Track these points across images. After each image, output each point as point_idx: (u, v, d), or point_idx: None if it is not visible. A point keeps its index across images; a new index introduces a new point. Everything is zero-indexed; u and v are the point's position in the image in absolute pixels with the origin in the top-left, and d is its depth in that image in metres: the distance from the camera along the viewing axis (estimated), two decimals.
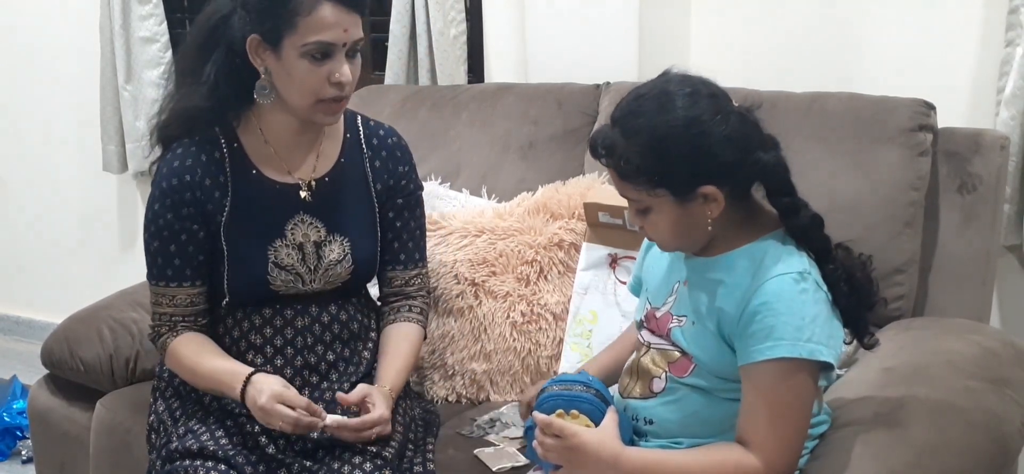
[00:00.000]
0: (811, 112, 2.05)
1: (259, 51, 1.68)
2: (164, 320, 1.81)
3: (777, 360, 1.36)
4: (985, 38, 2.23)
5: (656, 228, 1.45)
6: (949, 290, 2.01)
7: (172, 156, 1.77)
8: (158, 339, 1.83)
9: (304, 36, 1.64)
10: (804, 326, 1.36)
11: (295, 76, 1.67)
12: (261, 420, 1.67)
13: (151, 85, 3.26)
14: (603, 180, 2.18)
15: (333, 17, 1.64)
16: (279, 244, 1.78)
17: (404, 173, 1.89)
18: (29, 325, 3.94)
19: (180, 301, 1.80)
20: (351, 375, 1.83)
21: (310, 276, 1.80)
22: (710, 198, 1.39)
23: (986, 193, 1.97)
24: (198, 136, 1.77)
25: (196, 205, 1.75)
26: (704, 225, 1.42)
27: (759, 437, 1.38)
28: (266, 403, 1.64)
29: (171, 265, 1.78)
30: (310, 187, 1.80)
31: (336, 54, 1.66)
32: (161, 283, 1.80)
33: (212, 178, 1.76)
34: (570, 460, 1.44)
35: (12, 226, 3.90)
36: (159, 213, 1.76)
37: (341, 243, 1.82)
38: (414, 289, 1.92)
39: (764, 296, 1.37)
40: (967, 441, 1.49)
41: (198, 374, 1.77)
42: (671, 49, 2.46)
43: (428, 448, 1.82)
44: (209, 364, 1.76)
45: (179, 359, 1.79)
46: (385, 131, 1.91)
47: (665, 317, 1.52)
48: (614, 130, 1.41)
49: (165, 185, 1.75)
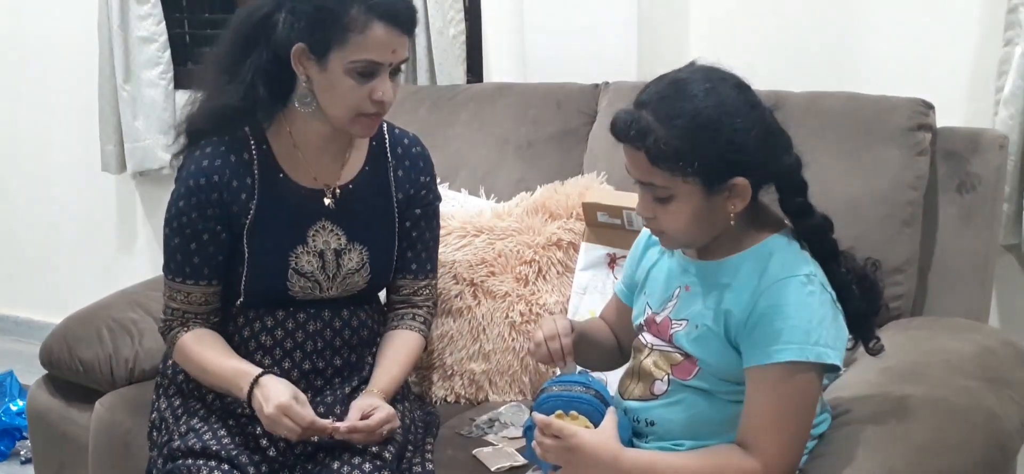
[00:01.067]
0: (810, 112, 2.05)
1: (303, 60, 1.66)
2: (176, 315, 1.80)
3: (785, 363, 1.36)
4: (984, 37, 2.23)
5: (674, 218, 1.41)
6: (948, 289, 2.01)
7: (200, 154, 1.75)
8: (168, 332, 1.82)
9: (353, 53, 1.62)
10: (812, 329, 1.36)
11: (338, 90, 1.65)
12: (266, 426, 1.67)
13: (149, 85, 3.26)
14: (602, 180, 2.18)
15: (384, 37, 1.62)
16: (301, 250, 1.77)
17: (425, 183, 1.88)
18: (28, 325, 3.94)
19: (195, 299, 1.78)
20: (354, 380, 1.83)
21: (328, 283, 1.80)
22: (738, 191, 1.38)
23: (985, 192, 1.97)
24: (227, 135, 1.75)
25: (221, 206, 1.74)
26: (723, 219, 1.41)
27: (762, 439, 1.37)
28: (272, 413, 1.63)
29: (190, 263, 1.76)
30: (334, 194, 1.79)
31: (381, 73, 1.65)
32: (177, 279, 1.78)
33: (239, 180, 1.74)
34: (569, 461, 1.43)
35: (11, 226, 3.90)
36: (183, 210, 1.74)
37: (360, 252, 1.81)
38: (421, 299, 1.91)
39: (772, 299, 1.37)
40: (966, 440, 1.49)
41: (206, 371, 1.76)
42: (670, 49, 2.46)
43: (427, 448, 1.82)
44: (218, 362, 1.75)
45: (188, 354, 1.78)
46: (410, 140, 1.89)
47: (665, 322, 1.52)
48: (645, 112, 1.38)
49: (192, 183, 1.73)
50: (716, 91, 1.37)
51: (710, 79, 1.38)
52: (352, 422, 1.67)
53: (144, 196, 3.57)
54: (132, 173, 3.40)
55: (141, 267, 3.55)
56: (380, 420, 1.68)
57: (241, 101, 1.69)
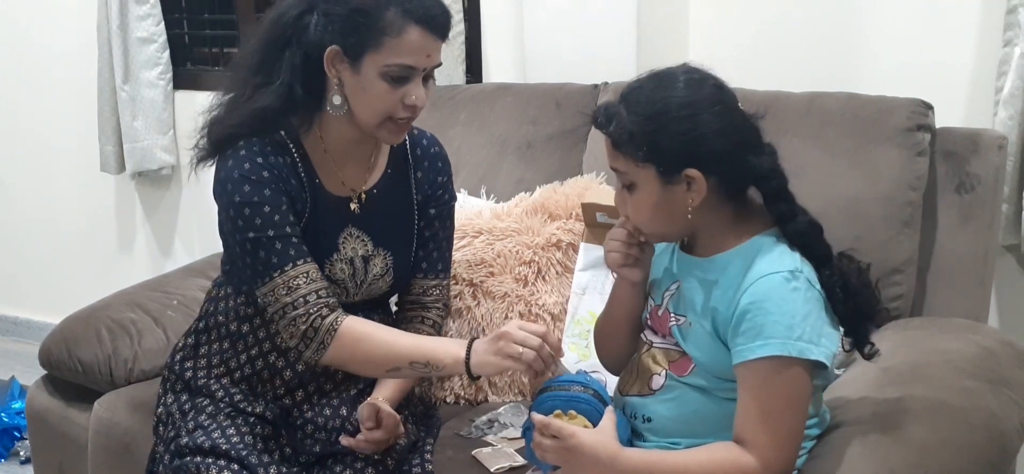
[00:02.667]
0: (809, 112, 2.05)
1: (336, 62, 1.63)
2: (313, 303, 1.63)
3: (768, 359, 1.36)
4: (983, 38, 2.23)
5: (638, 208, 1.46)
6: (947, 290, 2.01)
7: (246, 151, 1.65)
8: (321, 323, 1.62)
9: (388, 57, 1.60)
10: (795, 324, 1.36)
11: (370, 94, 1.63)
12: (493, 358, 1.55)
13: (149, 86, 3.26)
14: (601, 180, 2.18)
15: (420, 41, 1.61)
16: (335, 258, 1.74)
17: (442, 183, 1.87)
18: (27, 325, 3.94)
19: (314, 274, 1.65)
20: (359, 382, 1.82)
21: (355, 290, 1.77)
22: (693, 184, 1.40)
23: (984, 193, 1.97)
24: (265, 137, 1.68)
25: (287, 196, 1.66)
26: (683, 213, 1.43)
27: (755, 436, 1.38)
28: (510, 329, 1.53)
29: (290, 244, 1.63)
30: (360, 200, 1.77)
31: (414, 77, 1.63)
32: (289, 267, 1.63)
33: (295, 178, 1.69)
34: (568, 461, 1.43)
35: (10, 227, 3.90)
36: (252, 197, 1.62)
37: (384, 258, 1.79)
38: (431, 300, 1.88)
39: (754, 295, 1.38)
40: (965, 441, 1.49)
41: (396, 347, 1.64)
42: (669, 49, 2.46)
43: (427, 449, 1.82)
44: (412, 340, 1.66)
45: (358, 338, 1.64)
46: (428, 140, 1.88)
47: (665, 315, 1.53)
48: (618, 103, 1.44)
49: (249, 168, 1.63)
50: (692, 85, 1.41)
51: (691, 76, 1.42)
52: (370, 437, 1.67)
53: (143, 196, 3.57)
54: (131, 173, 3.40)
55: (140, 268, 3.55)
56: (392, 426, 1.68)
57: (280, 102, 1.64)
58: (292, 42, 1.64)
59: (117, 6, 3.17)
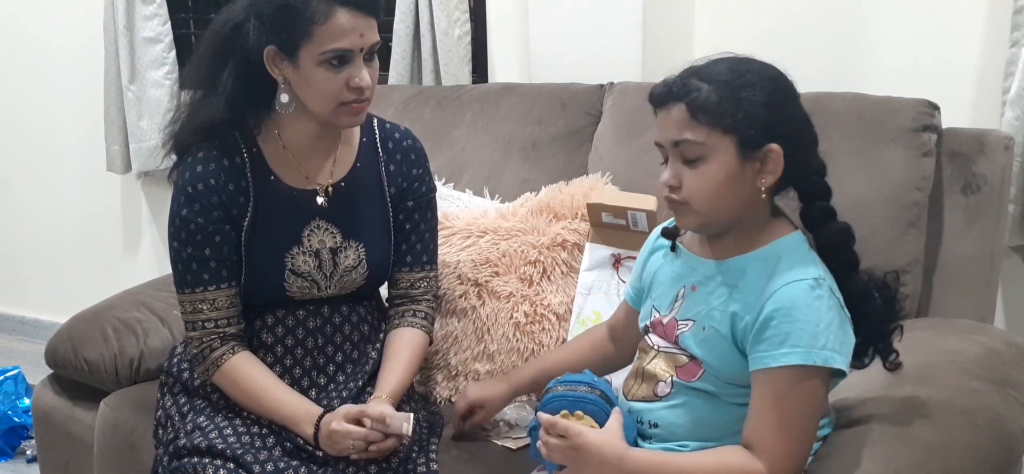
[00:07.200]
0: (815, 112, 2.01)
1: (276, 62, 1.67)
2: (209, 331, 1.75)
3: (791, 367, 1.36)
4: (990, 38, 2.22)
5: (702, 183, 1.38)
6: (953, 291, 2.00)
7: (193, 161, 1.75)
8: (210, 352, 1.76)
9: (321, 45, 1.63)
10: (819, 333, 1.35)
11: (314, 84, 1.66)
12: (327, 447, 1.67)
13: (155, 85, 3.26)
14: (607, 181, 2.18)
15: (349, 23, 1.63)
16: (296, 251, 1.78)
17: (417, 176, 1.89)
18: (33, 325, 3.95)
19: (221, 304, 1.76)
20: (357, 377, 1.83)
21: (326, 282, 1.80)
22: (771, 161, 1.38)
23: (990, 194, 1.97)
24: (218, 142, 1.75)
25: (223, 209, 1.74)
26: (746, 194, 1.40)
27: (767, 442, 1.37)
28: (337, 425, 1.64)
29: (207, 269, 1.74)
30: (327, 193, 1.80)
31: (354, 59, 1.66)
32: (199, 289, 1.75)
33: (235, 183, 1.75)
34: (574, 460, 1.43)
35: (16, 226, 3.91)
36: (188, 218, 1.73)
37: (356, 249, 1.81)
38: (420, 292, 1.91)
39: (779, 302, 1.37)
40: (971, 442, 1.49)
41: (260, 402, 1.75)
42: (675, 49, 2.46)
43: (431, 449, 1.82)
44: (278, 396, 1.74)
45: (236, 379, 1.75)
46: (401, 133, 1.90)
47: (672, 323, 1.52)
48: (686, 76, 1.40)
49: (191, 190, 1.73)
50: (769, 68, 1.41)
51: (763, 63, 1.42)
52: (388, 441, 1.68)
53: (149, 196, 3.58)
54: (137, 173, 3.41)
55: (146, 267, 3.56)
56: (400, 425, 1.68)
57: (226, 113, 1.70)
58: (234, 51, 1.68)
59: (123, 5, 3.17)
